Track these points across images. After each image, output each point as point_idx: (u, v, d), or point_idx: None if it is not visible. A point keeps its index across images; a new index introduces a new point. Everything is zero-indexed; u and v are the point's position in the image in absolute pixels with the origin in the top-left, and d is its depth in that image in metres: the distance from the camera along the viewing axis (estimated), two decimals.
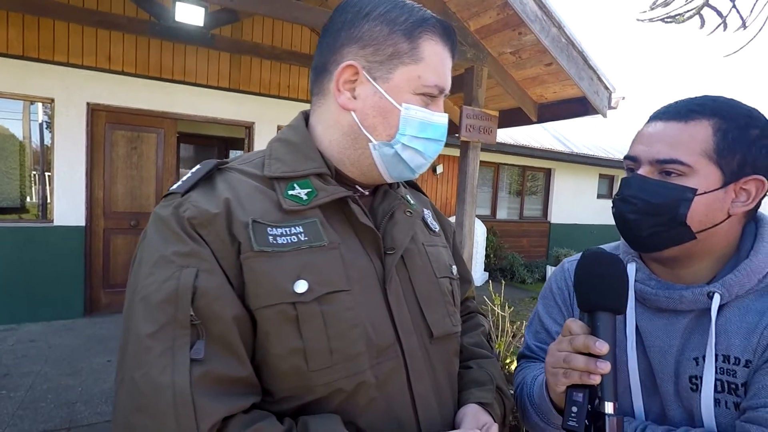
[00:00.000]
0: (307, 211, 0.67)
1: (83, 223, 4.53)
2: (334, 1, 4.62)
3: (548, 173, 9.41)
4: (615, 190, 9.09)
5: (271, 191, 0.68)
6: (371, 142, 0.70)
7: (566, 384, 0.64)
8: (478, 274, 7.46)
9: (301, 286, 0.61)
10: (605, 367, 0.60)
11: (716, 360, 0.70)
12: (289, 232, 0.64)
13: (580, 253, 0.95)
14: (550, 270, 8.35)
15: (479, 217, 7.49)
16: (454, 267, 0.87)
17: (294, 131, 0.75)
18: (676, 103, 0.76)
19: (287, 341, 0.60)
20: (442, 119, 0.72)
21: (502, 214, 8.96)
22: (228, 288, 0.60)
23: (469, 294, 1.00)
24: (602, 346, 0.61)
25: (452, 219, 7.23)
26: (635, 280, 0.79)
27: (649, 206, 0.72)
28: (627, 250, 0.84)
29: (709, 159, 0.70)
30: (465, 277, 0.96)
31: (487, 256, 7.94)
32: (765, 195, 0.73)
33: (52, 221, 4.43)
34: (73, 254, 4.50)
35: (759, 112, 0.73)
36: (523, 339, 3.64)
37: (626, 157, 0.78)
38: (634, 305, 0.79)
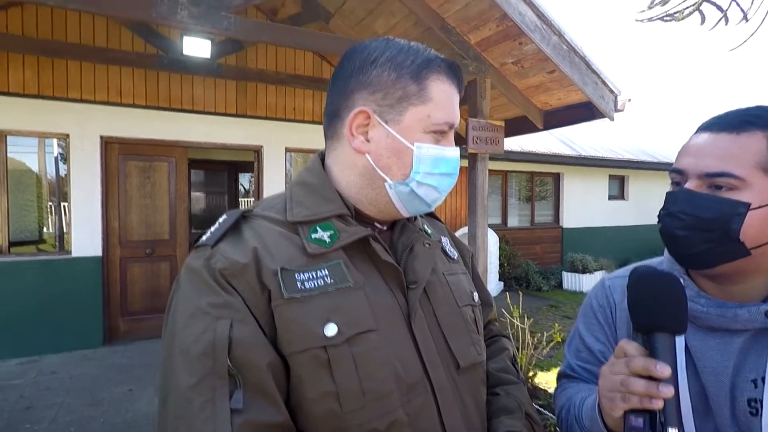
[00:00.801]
0: (330, 254, 0.68)
1: (100, 253, 4.61)
2: (335, 24, 4.71)
3: (557, 177, 9.37)
4: (626, 191, 8.97)
5: (295, 236, 0.69)
6: (387, 181, 0.72)
7: (624, 408, 0.61)
8: (493, 285, 7.40)
9: (331, 329, 0.62)
10: (668, 391, 0.57)
11: None
12: (315, 276, 0.66)
13: (621, 270, 0.92)
14: (565, 276, 8.26)
15: (490, 226, 7.46)
16: (476, 294, 0.87)
17: (311, 173, 0.77)
18: (727, 113, 0.73)
19: (320, 385, 0.61)
20: (453, 153, 0.74)
21: (513, 221, 8.92)
22: (261, 336, 0.61)
23: (491, 317, 0.99)
24: (664, 369, 0.57)
25: (464, 230, 7.21)
26: None
27: (698, 221, 0.68)
28: (672, 267, 0.80)
29: (763, 172, 0.66)
30: (486, 301, 0.96)
31: (500, 265, 7.88)
32: None
33: (70, 252, 4.52)
34: (91, 284, 4.57)
35: None
36: (544, 350, 3.60)
37: (672, 170, 0.75)
38: None
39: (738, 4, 3.02)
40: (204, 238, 0.69)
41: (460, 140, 5.35)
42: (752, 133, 0.67)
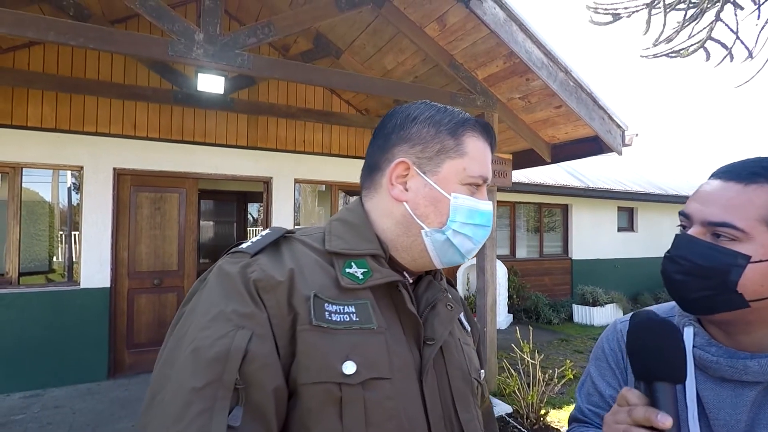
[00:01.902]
0: (360, 291, 0.68)
1: (108, 284, 4.61)
2: (345, 60, 4.84)
3: (565, 209, 9.34)
4: (635, 222, 8.91)
5: (330, 267, 0.70)
6: (423, 229, 0.74)
7: None
8: (502, 317, 7.29)
9: (349, 368, 0.61)
10: None
11: None
12: (342, 311, 0.65)
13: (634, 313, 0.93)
14: (576, 309, 8.12)
15: (499, 257, 7.41)
16: (483, 371, 0.87)
17: (352, 213, 0.79)
18: (741, 162, 0.73)
19: (327, 422, 0.59)
20: (487, 206, 0.77)
21: (521, 252, 8.85)
22: (275, 358, 0.60)
23: (486, 409, 0.94)
24: (665, 420, 0.57)
25: (472, 262, 7.17)
26: (694, 346, 0.74)
27: (696, 268, 0.68)
28: (683, 313, 0.79)
29: (767, 226, 0.65)
30: (484, 388, 0.92)
31: (509, 297, 7.78)
32: None
33: (79, 283, 4.53)
34: (98, 316, 4.55)
35: None
36: (556, 387, 3.50)
37: (681, 213, 0.76)
38: (694, 372, 0.74)
39: (742, 42, 3.07)
40: (244, 245, 0.69)
41: None
42: (760, 185, 0.67)
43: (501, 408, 3.81)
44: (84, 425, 3.56)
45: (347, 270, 0.69)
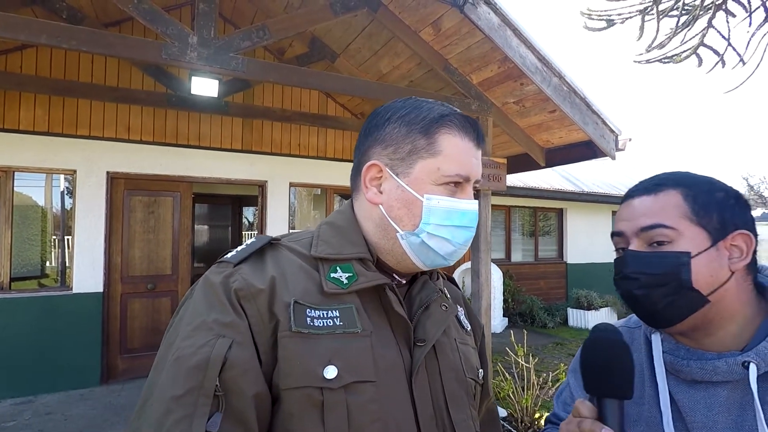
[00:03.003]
0: (345, 296, 0.69)
1: (101, 289, 4.57)
2: (341, 64, 4.84)
3: (560, 213, 9.38)
4: None
5: (315, 272, 0.70)
6: (398, 232, 0.73)
7: None
8: (498, 321, 7.29)
9: (330, 372, 0.62)
10: None
11: None
12: (326, 315, 0.66)
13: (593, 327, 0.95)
14: (571, 313, 8.13)
15: (494, 260, 7.42)
16: (481, 371, 0.85)
17: (341, 216, 0.80)
18: (642, 181, 0.80)
19: (309, 426, 0.60)
20: (469, 206, 0.74)
21: (516, 256, 8.86)
22: (255, 364, 0.61)
23: (489, 405, 0.94)
24: None
25: (467, 265, 7.17)
26: (663, 351, 0.77)
27: (652, 278, 0.72)
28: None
29: (689, 221, 0.72)
30: (486, 386, 0.91)
31: (505, 300, 7.78)
32: (756, 246, 0.74)
33: (71, 288, 4.48)
34: (90, 321, 4.51)
35: (713, 178, 0.77)
36: (550, 390, 3.50)
37: (613, 234, 0.81)
38: (665, 377, 0.76)
39: (734, 49, 3.10)
40: (229, 255, 0.70)
41: None
42: (666, 191, 0.75)
43: None
44: (76, 431, 3.52)
45: (332, 275, 0.70)
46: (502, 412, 3.78)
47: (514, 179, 7.25)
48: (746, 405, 0.69)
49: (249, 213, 9.53)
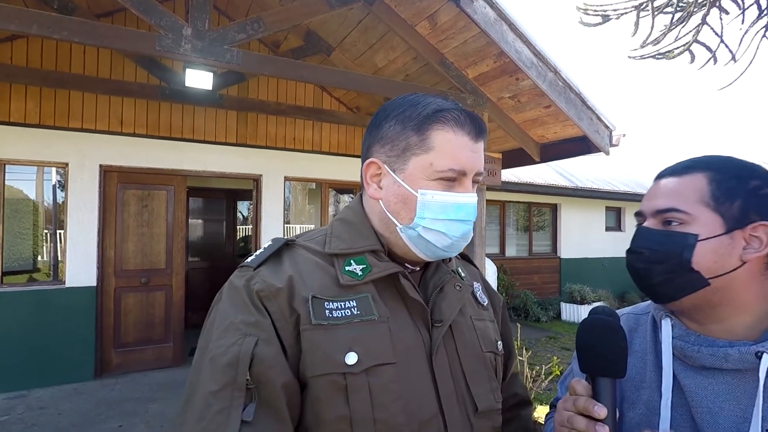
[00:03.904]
0: (361, 286, 0.73)
1: (95, 283, 4.55)
2: (336, 58, 4.82)
3: (554, 208, 9.42)
4: (623, 222, 9.05)
5: (331, 267, 0.75)
6: (397, 226, 0.77)
7: None
8: None
9: (351, 358, 0.67)
10: (603, 431, 0.63)
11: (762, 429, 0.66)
12: (343, 306, 0.71)
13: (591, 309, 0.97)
14: (564, 307, 8.20)
15: (488, 255, 7.44)
16: (500, 343, 0.89)
17: (352, 212, 0.84)
18: (676, 162, 0.82)
19: (336, 408, 0.65)
20: (464, 199, 0.75)
21: (511, 251, 8.91)
22: (281, 357, 0.66)
23: (515, 370, 1.00)
24: (600, 411, 0.64)
25: None
26: (673, 337, 0.77)
27: (654, 254, 0.75)
28: (657, 307, 0.83)
29: (706, 206, 0.72)
30: (512, 353, 0.98)
31: None
32: None
33: (64, 282, 4.45)
34: (84, 315, 4.49)
35: (758, 166, 0.76)
36: (543, 383, 3.53)
37: (636, 214, 0.83)
38: (672, 362, 0.76)
39: (726, 46, 3.11)
40: (249, 259, 0.76)
41: None
42: (693, 174, 0.76)
43: None
44: (70, 426, 3.51)
45: (347, 268, 0.75)
46: None
47: (509, 174, 7.27)
48: (754, 395, 0.69)
49: (243, 207, 9.49)
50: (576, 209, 9.49)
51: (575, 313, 7.98)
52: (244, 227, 9.40)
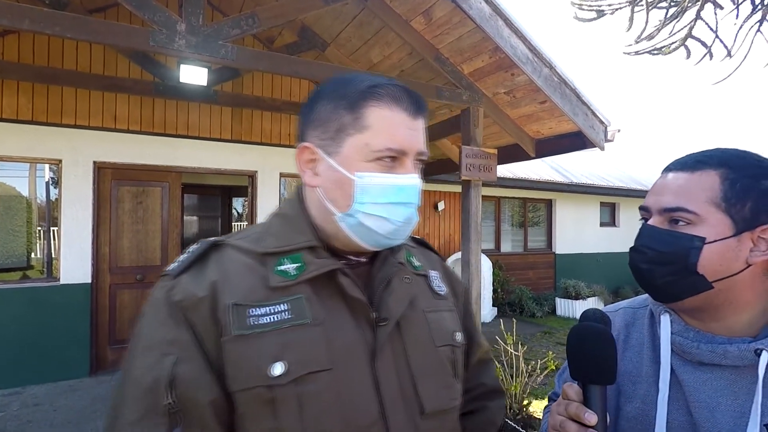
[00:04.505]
0: (294, 287, 0.68)
1: (89, 280, 4.53)
2: (331, 53, 4.80)
3: (549, 204, 9.46)
4: (617, 218, 9.10)
5: (262, 268, 0.69)
6: (335, 214, 0.71)
7: None
8: (487, 311, 7.36)
9: (277, 369, 0.62)
10: None
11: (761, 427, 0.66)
12: (273, 311, 0.65)
13: (611, 306, 0.96)
14: (559, 302, 8.24)
15: (484, 251, 7.47)
16: (458, 333, 0.83)
17: (289, 205, 0.79)
18: (687, 155, 0.78)
19: (262, 423, 0.62)
20: (406, 181, 0.70)
21: (506, 247, 8.94)
22: (206, 373, 0.62)
23: (481, 357, 0.94)
24: (590, 418, 0.64)
25: (457, 255, 7.21)
26: (672, 332, 0.77)
27: (659, 255, 0.72)
28: (655, 302, 0.82)
29: (717, 207, 0.69)
30: (474, 341, 0.92)
31: (494, 290, 7.86)
32: None
33: (59, 279, 4.43)
34: (79, 312, 4.47)
35: None
36: (538, 378, 3.55)
37: (640, 208, 0.80)
38: (670, 357, 0.76)
39: (721, 41, 3.13)
40: (170, 266, 0.70)
41: (454, 167, 5.41)
42: (705, 171, 0.72)
43: None
44: (65, 422, 3.50)
45: (279, 268, 0.69)
46: None
47: (504, 170, 7.29)
48: (752, 392, 0.69)
49: (238, 204, 9.46)
50: (571, 205, 9.53)
51: (570, 308, 8.03)
52: (239, 224, 9.39)
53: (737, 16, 2.88)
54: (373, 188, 0.69)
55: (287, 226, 0.74)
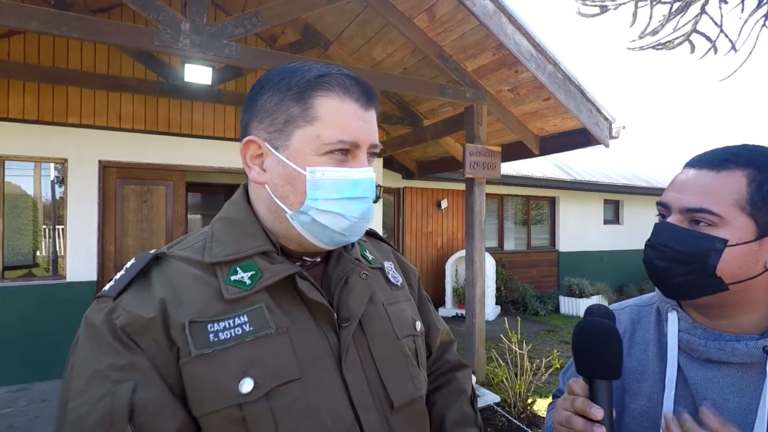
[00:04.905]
0: (251, 297, 0.63)
1: (95, 278, 4.56)
2: (334, 51, 4.81)
3: (552, 202, 9.44)
4: (621, 215, 9.05)
5: (213, 279, 0.64)
6: (287, 212, 0.68)
7: None
8: (490, 309, 7.36)
9: (246, 385, 0.58)
10: (600, 431, 0.64)
11: None
12: (232, 325, 0.61)
13: (616, 305, 0.95)
14: (563, 300, 8.23)
15: (487, 249, 7.47)
16: (418, 322, 0.82)
17: (234, 207, 0.73)
18: (712, 150, 0.74)
19: None
20: (360, 174, 0.67)
21: (509, 245, 8.93)
22: (169, 398, 0.57)
23: (443, 339, 0.94)
24: (597, 412, 0.64)
25: (461, 253, 7.22)
26: (679, 330, 0.76)
27: (677, 254, 0.71)
28: (664, 299, 0.81)
29: (741, 210, 0.67)
30: (433, 326, 0.91)
31: (497, 289, 7.85)
32: None
33: (64, 277, 4.46)
34: (84, 309, 4.41)
35: None
36: (543, 376, 3.56)
37: (659, 203, 0.78)
38: (677, 355, 0.76)
39: (726, 35, 3.11)
40: (107, 287, 0.63)
41: (458, 164, 5.41)
42: (732, 171, 0.69)
43: (489, 397, 3.86)
44: None
45: (232, 278, 0.64)
46: (496, 398, 3.84)
47: (507, 168, 7.28)
48: (759, 389, 0.69)
49: None
50: (574, 202, 9.51)
51: (574, 306, 8.01)
52: None
53: (742, 10, 2.87)
54: (327, 183, 0.65)
55: (235, 231, 0.69)
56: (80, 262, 4.50)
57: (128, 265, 0.65)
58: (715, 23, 2.83)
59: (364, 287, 0.74)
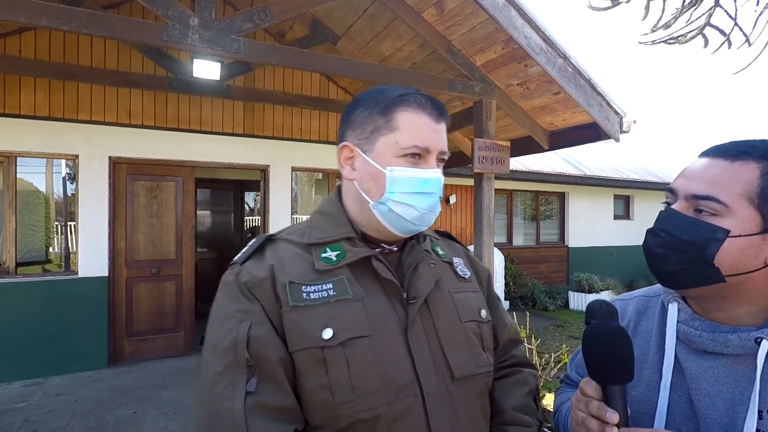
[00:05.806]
0: (336, 270, 0.81)
1: (106, 273, 4.61)
2: (342, 46, 4.79)
3: (562, 197, 9.36)
4: (632, 210, 8.95)
5: (309, 255, 0.83)
6: (369, 202, 0.84)
7: None
8: None
9: (327, 333, 0.74)
10: None
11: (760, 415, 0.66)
12: (320, 289, 0.78)
13: (625, 294, 0.96)
14: (572, 296, 8.19)
15: (496, 244, 7.44)
16: (484, 311, 0.93)
17: (329, 203, 0.92)
18: (730, 142, 0.74)
19: (317, 378, 0.73)
20: (429, 174, 0.83)
21: (518, 240, 8.88)
22: (274, 335, 0.75)
23: (511, 336, 1.02)
24: (612, 417, 0.65)
25: (470, 248, 7.17)
26: (678, 321, 0.77)
27: (676, 242, 0.71)
28: (667, 290, 0.82)
29: (749, 202, 0.67)
30: (500, 321, 1.01)
31: (506, 284, 7.83)
32: None
33: (76, 272, 4.52)
34: (96, 305, 4.56)
35: None
36: (552, 371, 3.54)
37: (666, 188, 0.78)
38: (674, 345, 0.77)
39: (740, 29, 3.05)
40: (236, 257, 0.84)
41: (466, 159, 5.38)
42: (746, 162, 0.69)
43: None
44: (86, 412, 3.58)
45: (323, 255, 0.82)
46: None
47: (516, 163, 7.23)
48: (752, 379, 0.69)
49: (250, 198, 9.51)
50: (584, 197, 9.42)
51: (583, 301, 7.97)
52: (251, 218, 9.45)
53: (758, 2, 2.81)
54: (402, 180, 0.81)
55: (328, 221, 0.88)
56: (92, 258, 4.55)
57: (250, 243, 0.86)
58: (730, 16, 2.77)
59: (431, 273, 0.87)
